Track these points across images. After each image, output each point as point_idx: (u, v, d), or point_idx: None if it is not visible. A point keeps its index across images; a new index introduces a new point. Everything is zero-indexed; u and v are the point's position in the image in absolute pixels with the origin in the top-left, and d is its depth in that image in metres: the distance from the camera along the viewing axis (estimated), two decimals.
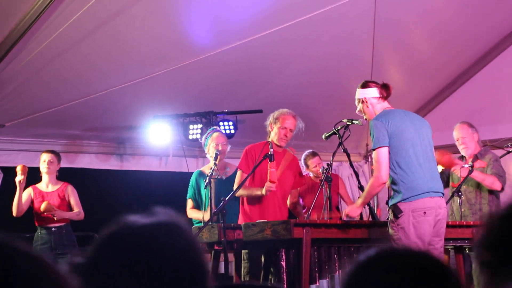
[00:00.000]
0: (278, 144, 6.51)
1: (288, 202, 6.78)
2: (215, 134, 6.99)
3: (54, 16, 6.59)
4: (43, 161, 7.63)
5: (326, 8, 7.48)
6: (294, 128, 6.52)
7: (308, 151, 8.08)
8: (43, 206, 7.43)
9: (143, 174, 9.38)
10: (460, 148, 7.31)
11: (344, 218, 5.80)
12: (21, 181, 7.41)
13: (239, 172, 6.50)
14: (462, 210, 6.92)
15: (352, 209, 5.82)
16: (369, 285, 1.28)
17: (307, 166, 8.01)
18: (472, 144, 7.26)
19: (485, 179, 7.04)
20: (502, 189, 7.07)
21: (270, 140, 6.52)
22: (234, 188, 6.36)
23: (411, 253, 1.31)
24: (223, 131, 8.04)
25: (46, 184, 7.67)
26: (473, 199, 7.16)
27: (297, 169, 6.75)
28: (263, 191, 6.24)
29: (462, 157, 7.36)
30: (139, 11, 7.10)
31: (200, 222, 6.71)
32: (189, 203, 7.10)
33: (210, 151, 6.92)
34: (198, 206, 7.05)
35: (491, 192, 7.14)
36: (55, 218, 7.45)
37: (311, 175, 8.03)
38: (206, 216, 6.45)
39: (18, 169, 7.44)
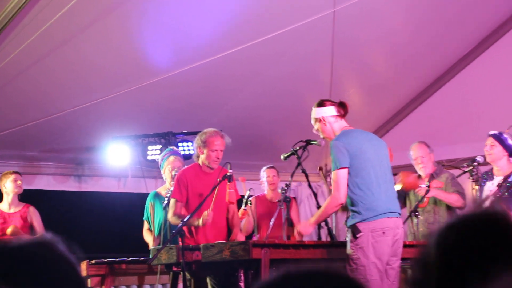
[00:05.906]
0: (210, 167, 6.39)
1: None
2: (172, 157, 6.97)
3: (9, 40, 6.55)
4: (14, 181, 7.47)
5: (285, 29, 7.53)
6: (223, 148, 6.41)
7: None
8: (9, 230, 7.31)
9: (101, 195, 9.31)
10: (418, 167, 7.39)
11: (296, 235, 5.76)
12: None
13: (172, 201, 6.32)
14: (421, 229, 6.96)
15: (304, 226, 5.73)
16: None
17: (264, 177, 7.94)
18: (430, 163, 7.39)
19: (449, 197, 7.12)
20: (465, 205, 7.14)
21: (200, 162, 6.41)
22: (169, 215, 6.28)
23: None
24: (182, 151, 8.00)
25: (9, 205, 7.52)
26: (431, 218, 7.22)
27: (231, 184, 6.49)
28: (200, 222, 6.11)
29: (418, 176, 7.43)
30: (96, 31, 7.07)
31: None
32: (146, 224, 7.08)
33: (166, 173, 6.91)
34: None
35: (449, 210, 7.22)
36: None
37: (266, 192, 7.95)
38: (156, 242, 6.56)
39: None
